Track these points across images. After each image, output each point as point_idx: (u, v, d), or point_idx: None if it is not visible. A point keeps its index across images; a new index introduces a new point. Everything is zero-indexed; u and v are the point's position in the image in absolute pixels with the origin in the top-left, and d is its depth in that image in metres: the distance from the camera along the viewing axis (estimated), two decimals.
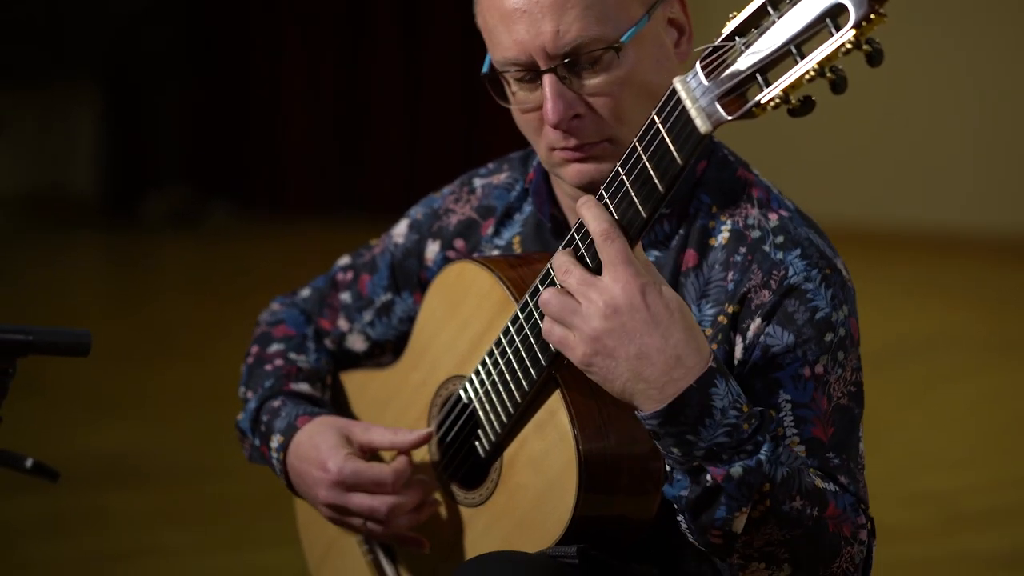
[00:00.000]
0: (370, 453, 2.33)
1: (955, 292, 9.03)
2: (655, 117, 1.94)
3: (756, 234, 2.17)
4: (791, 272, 2.14)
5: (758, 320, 2.13)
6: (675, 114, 1.91)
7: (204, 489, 5.30)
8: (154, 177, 11.19)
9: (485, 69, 2.23)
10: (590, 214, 1.99)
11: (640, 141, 1.97)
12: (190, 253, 10.44)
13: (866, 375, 2.21)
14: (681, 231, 2.22)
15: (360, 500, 2.28)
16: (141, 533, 4.88)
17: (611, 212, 2.00)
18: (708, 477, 1.97)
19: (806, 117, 1.82)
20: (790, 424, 2.10)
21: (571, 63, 2.13)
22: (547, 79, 2.14)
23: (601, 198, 2.01)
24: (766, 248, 2.16)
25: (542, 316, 2.08)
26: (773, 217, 2.19)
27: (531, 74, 2.16)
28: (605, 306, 1.95)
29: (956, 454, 5.93)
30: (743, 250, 2.17)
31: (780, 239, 2.17)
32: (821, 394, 2.11)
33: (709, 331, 2.16)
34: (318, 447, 2.32)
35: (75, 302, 8.65)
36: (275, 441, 2.39)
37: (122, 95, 11.12)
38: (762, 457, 1.97)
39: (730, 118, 1.86)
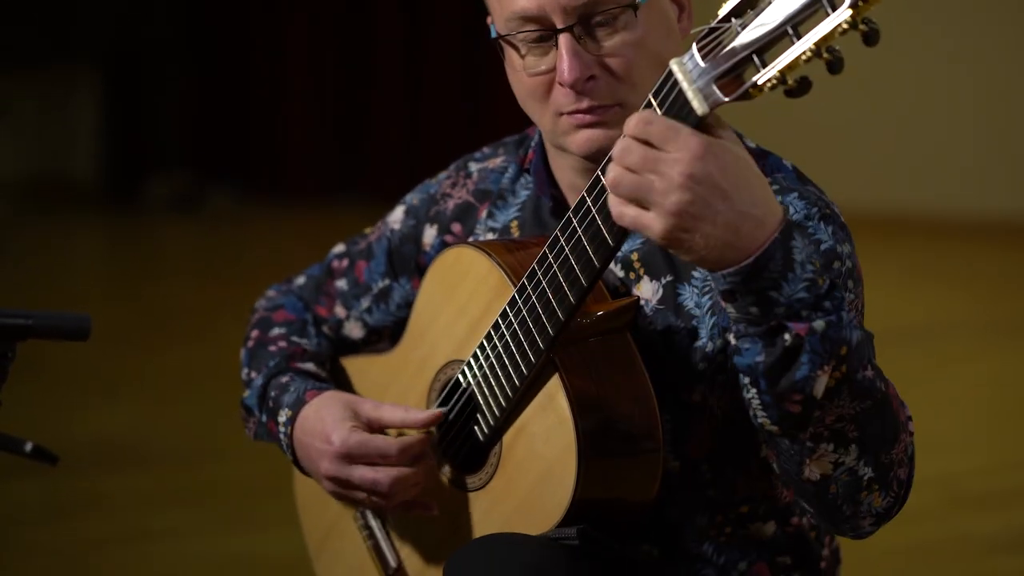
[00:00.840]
0: (378, 430, 2.31)
1: (953, 276, 9.03)
2: (652, 99, 1.93)
3: None
4: (792, 211, 2.11)
5: None
6: (672, 96, 1.90)
7: (204, 472, 5.31)
8: (155, 161, 11.20)
9: (493, 35, 2.21)
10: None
11: None
12: (191, 237, 10.46)
13: None
14: None
15: (363, 472, 2.27)
16: (141, 516, 4.88)
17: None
18: (788, 336, 1.90)
19: (802, 98, 1.82)
20: None
21: (587, 23, 2.12)
22: (563, 38, 2.13)
23: (598, 179, 2.01)
24: None
25: (541, 296, 2.08)
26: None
27: (546, 32, 2.15)
28: (681, 176, 1.86)
29: (956, 437, 5.93)
30: None
31: (775, 188, 2.15)
32: None
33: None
34: (323, 420, 2.31)
35: (75, 285, 8.66)
36: (283, 416, 2.38)
37: (123, 79, 11.12)
38: (842, 315, 1.92)
39: (727, 100, 1.85)
